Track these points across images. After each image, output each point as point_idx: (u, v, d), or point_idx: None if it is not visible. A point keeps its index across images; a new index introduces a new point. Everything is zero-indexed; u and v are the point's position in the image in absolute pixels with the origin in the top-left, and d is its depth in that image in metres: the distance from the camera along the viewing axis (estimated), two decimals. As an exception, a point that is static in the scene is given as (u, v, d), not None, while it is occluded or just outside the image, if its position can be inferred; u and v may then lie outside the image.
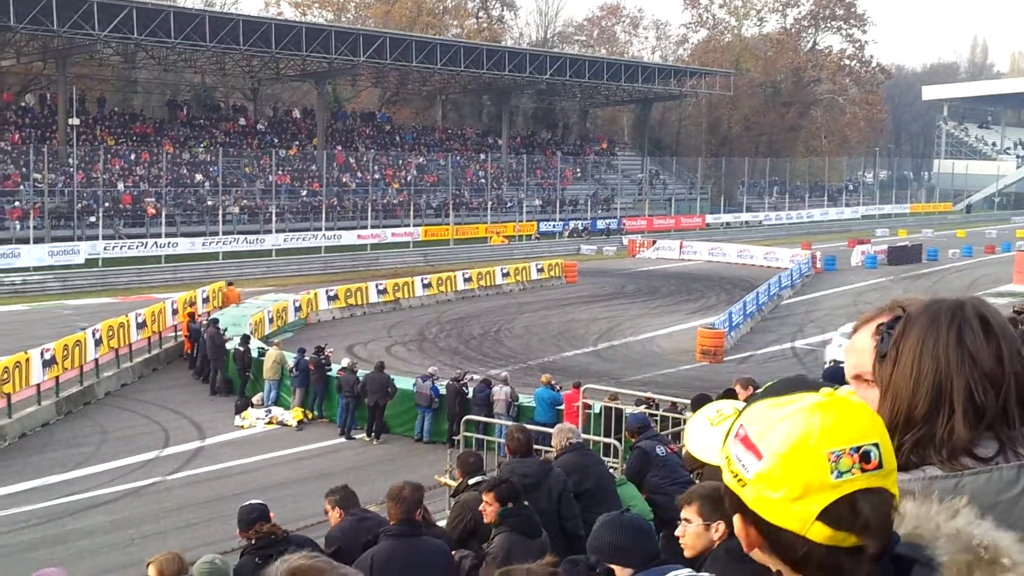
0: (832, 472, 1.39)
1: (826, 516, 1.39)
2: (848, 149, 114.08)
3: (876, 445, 1.42)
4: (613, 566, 4.74)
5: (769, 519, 1.42)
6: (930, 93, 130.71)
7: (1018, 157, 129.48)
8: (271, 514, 8.10)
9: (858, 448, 1.40)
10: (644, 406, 18.33)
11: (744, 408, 1.49)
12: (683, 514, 4.99)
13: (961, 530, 1.49)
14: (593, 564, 5.43)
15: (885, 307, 2.03)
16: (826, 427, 1.40)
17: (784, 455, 1.40)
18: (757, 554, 1.49)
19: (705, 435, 1.57)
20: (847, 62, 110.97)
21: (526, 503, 7.48)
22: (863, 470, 1.40)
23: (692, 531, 4.89)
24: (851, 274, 57.61)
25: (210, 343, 28.24)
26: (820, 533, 1.40)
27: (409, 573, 6.77)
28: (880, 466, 1.41)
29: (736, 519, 1.49)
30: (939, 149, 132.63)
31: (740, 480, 1.44)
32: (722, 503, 1.58)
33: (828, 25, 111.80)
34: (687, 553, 4.88)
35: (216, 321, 29.73)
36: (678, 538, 5.04)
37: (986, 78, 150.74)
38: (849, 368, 2.04)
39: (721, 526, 4.75)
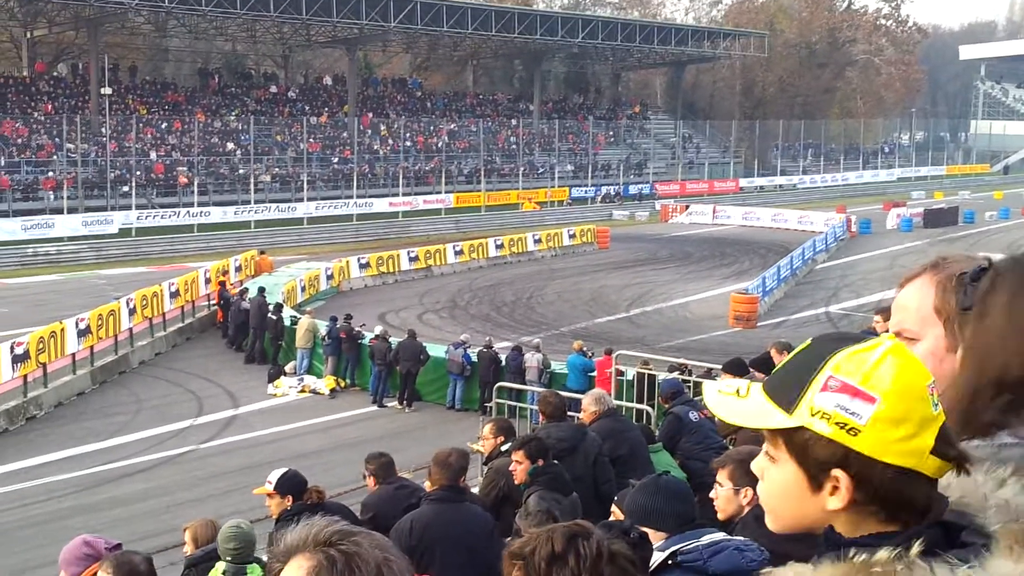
0: (933, 404, 1.44)
1: (937, 447, 1.42)
2: (884, 110, 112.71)
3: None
4: (648, 529, 4.67)
5: (890, 460, 1.41)
6: (967, 52, 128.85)
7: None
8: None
9: (933, 383, 1.46)
10: (678, 372, 18.22)
11: (823, 363, 1.46)
12: (717, 477, 5.09)
13: (1010, 500, 1.48)
14: (627, 528, 5.32)
15: (928, 264, 2.00)
16: (917, 363, 1.46)
17: (900, 392, 1.42)
18: (840, 516, 1.47)
19: (737, 405, 1.54)
20: (883, 22, 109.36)
21: (555, 460, 7.43)
22: (936, 404, 1.45)
23: (723, 494, 5.00)
24: (886, 237, 57.10)
25: (256, 311, 28.24)
26: (933, 465, 1.43)
27: (449, 538, 6.77)
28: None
29: (839, 476, 1.45)
30: (976, 110, 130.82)
31: (852, 429, 1.42)
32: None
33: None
34: (720, 516, 4.99)
35: (263, 289, 29.86)
36: (711, 501, 5.15)
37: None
38: (892, 324, 2.02)
39: (749, 492, 4.78)
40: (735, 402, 1.53)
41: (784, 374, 1.51)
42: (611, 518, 4.89)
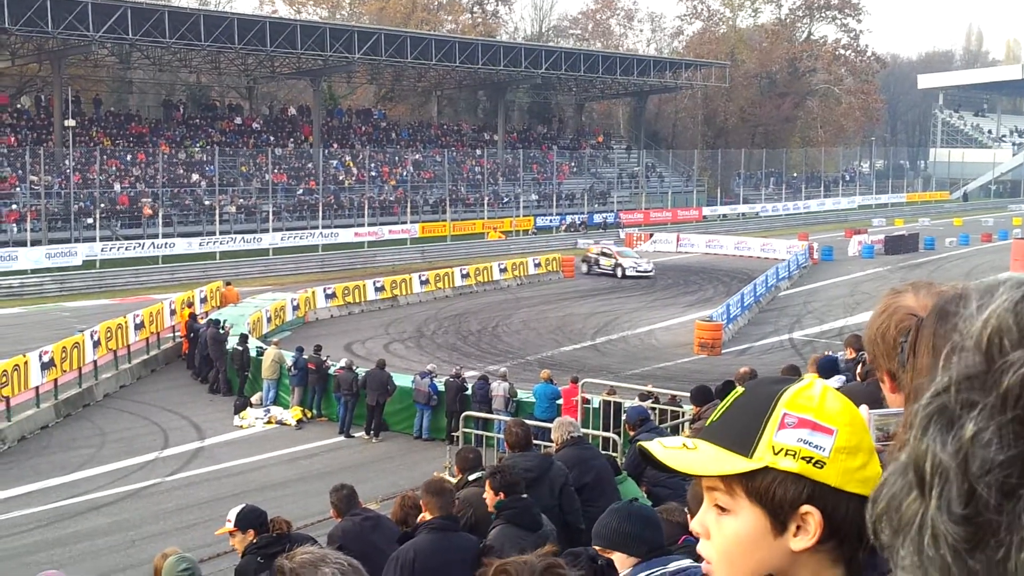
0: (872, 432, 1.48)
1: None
2: (844, 139, 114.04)
3: None
4: (616, 555, 4.76)
5: (852, 489, 1.41)
6: (925, 82, 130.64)
7: (1014, 144, 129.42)
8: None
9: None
10: (651, 400, 18.35)
11: (774, 403, 1.46)
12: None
13: None
14: (594, 556, 5.42)
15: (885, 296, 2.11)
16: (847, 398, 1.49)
17: (851, 423, 1.44)
18: (802, 558, 1.43)
19: (690, 456, 1.51)
20: (842, 52, 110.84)
21: (524, 495, 7.49)
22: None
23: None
24: (848, 264, 57.63)
25: (213, 343, 28.17)
26: None
27: (448, 567, 6.88)
28: None
29: (810, 511, 1.41)
30: (935, 138, 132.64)
31: (818, 462, 1.41)
32: None
33: (823, 15, 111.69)
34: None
35: (217, 322, 29.73)
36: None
37: (981, 66, 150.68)
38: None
39: None
40: (686, 454, 1.50)
41: (728, 421, 1.49)
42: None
